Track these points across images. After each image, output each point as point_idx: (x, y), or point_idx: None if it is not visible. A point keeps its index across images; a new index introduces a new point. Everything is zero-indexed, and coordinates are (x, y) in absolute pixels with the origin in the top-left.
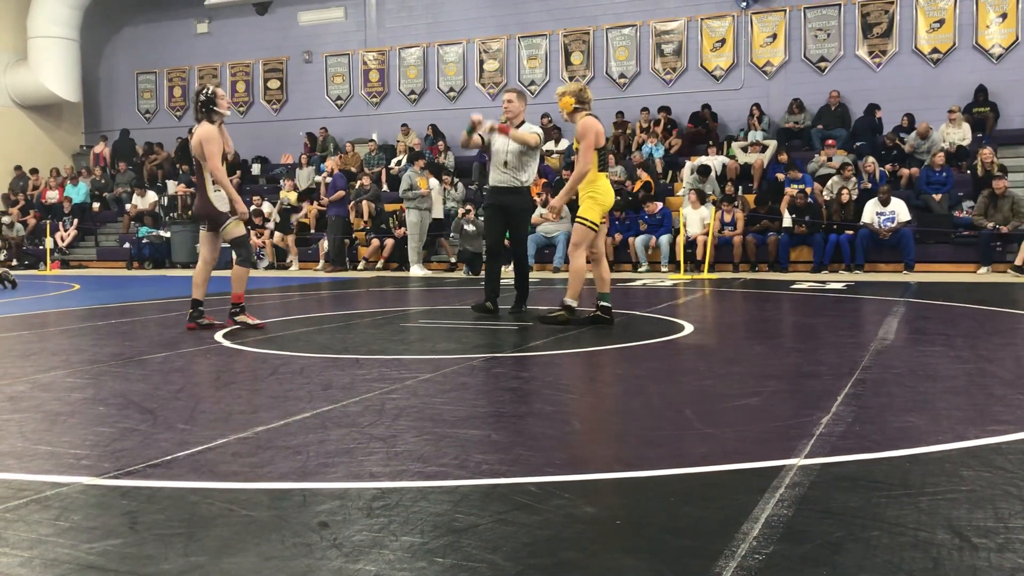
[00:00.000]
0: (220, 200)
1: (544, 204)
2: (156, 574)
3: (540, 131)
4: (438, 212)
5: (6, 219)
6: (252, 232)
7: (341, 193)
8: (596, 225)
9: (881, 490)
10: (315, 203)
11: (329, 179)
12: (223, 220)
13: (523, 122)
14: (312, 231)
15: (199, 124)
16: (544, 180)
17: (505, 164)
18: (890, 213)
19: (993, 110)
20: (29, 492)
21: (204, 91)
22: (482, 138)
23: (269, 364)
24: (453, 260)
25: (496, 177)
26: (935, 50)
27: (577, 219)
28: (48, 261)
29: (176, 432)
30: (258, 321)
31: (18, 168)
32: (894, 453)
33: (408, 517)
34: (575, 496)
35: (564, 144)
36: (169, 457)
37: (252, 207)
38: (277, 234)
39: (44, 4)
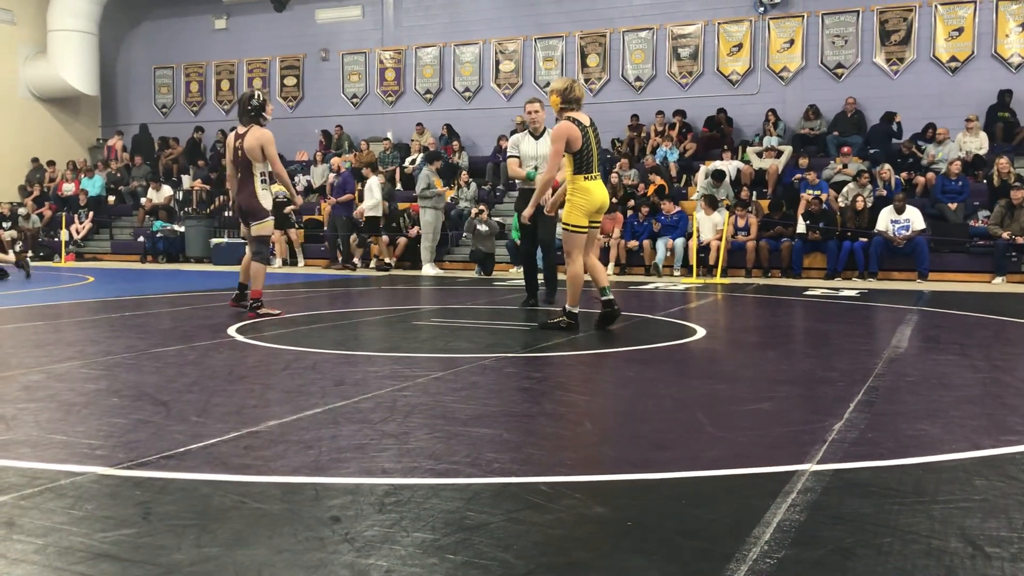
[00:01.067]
0: (265, 198)
1: None
2: (169, 564)
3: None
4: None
5: (22, 211)
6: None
7: (350, 196)
8: (583, 228)
9: (894, 497)
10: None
11: (336, 177)
12: (261, 217)
13: (545, 129)
14: (325, 229)
15: (248, 127)
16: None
17: (536, 169)
18: (905, 221)
19: (1012, 117)
20: (44, 480)
21: (256, 97)
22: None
23: (282, 359)
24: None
25: (528, 182)
26: (953, 58)
27: (563, 226)
28: (63, 253)
29: (189, 424)
30: (278, 311)
31: (35, 160)
32: (907, 461)
33: (420, 514)
34: (586, 496)
35: None
36: (182, 449)
37: None
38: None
39: None
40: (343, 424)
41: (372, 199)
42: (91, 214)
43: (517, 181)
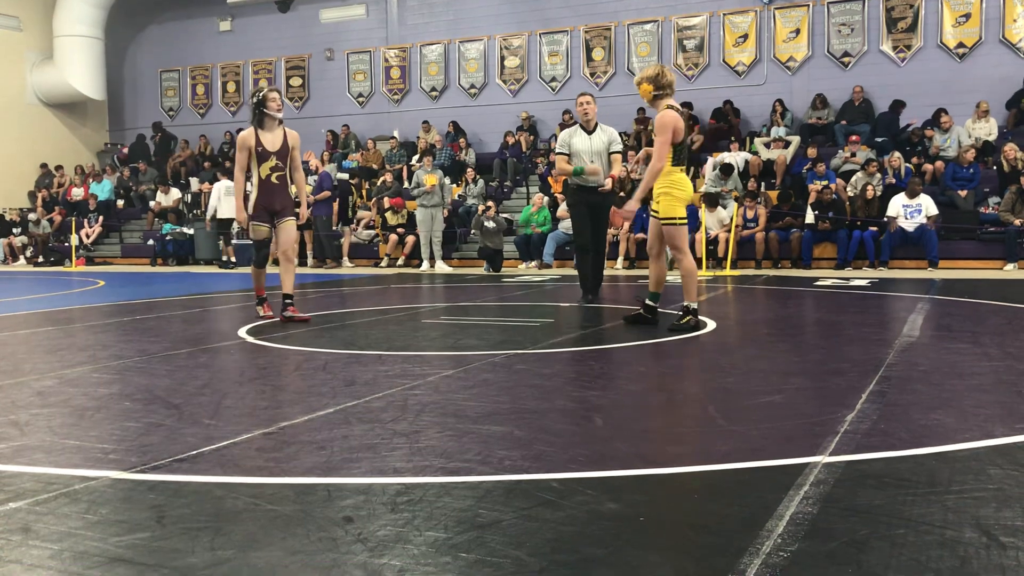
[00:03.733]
0: (237, 202)
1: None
2: (183, 568)
3: (614, 133)
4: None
5: (32, 216)
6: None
7: (327, 193)
8: (685, 220)
9: (907, 488)
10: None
11: (315, 178)
12: (245, 223)
13: (597, 124)
14: (333, 227)
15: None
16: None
17: (584, 165)
18: (917, 206)
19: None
20: (58, 485)
21: (257, 94)
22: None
23: (292, 360)
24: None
25: (577, 177)
26: (961, 44)
27: (664, 223)
28: (73, 258)
29: (201, 427)
30: (269, 313)
31: (44, 166)
32: (920, 451)
33: (432, 512)
34: (598, 492)
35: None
36: (195, 452)
37: None
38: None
39: (70, 4)
40: (354, 424)
41: (221, 204)
42: (100, 218)
43: (574, 182)
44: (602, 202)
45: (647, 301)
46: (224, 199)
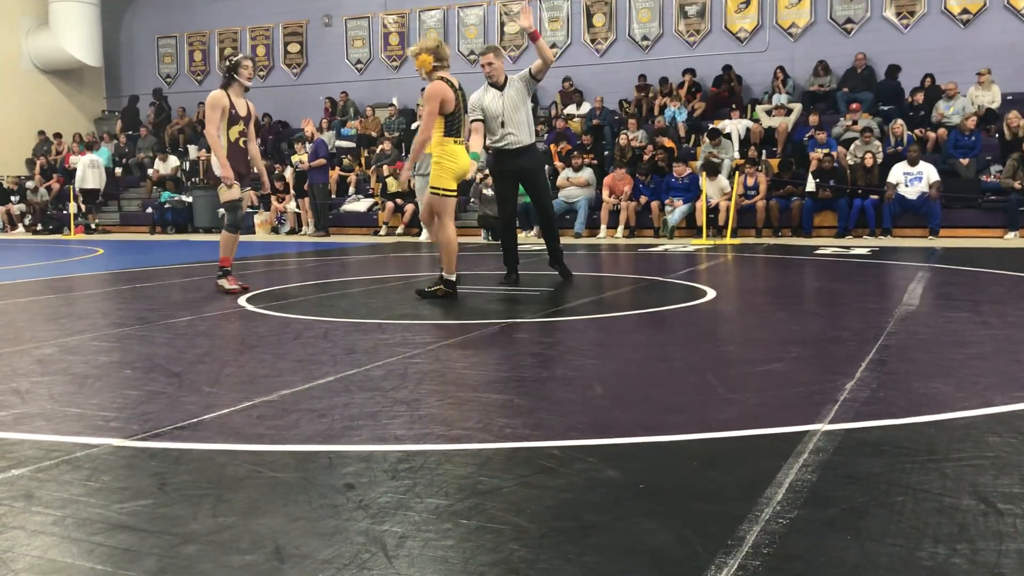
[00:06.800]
0: (215, 164)
1: (574, 169)
2: (186, 534)
3: (524, 72)
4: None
5: (30, 184)
6: (274, 198)
7: (322, 161)
8: (453, 191)
9: (906, 456)
10: (336, 168)
11: (311, 145)
12: (217, 184)
13: (506, 78)
14: (333, 196)
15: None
16: (568, 145)
17: (503, 125)
18: (918, 173)
19: None
20: (60, 453)
21: (230, 57)
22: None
23: (292, 328)
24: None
25: (500, 140)
26: (965, 11)
27: (431, 190)
28: (72, 226)
29: (202, 395)
30: (235, 286)
31: (41, 133)
32: (919, 419)
33: (433, 479)
34: (598, 460)
35: (586, 107)
36: (196, 419)
37: (275, 172)
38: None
39: None
40: (355, 392)
41: (86, 176)
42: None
43: (491, 145)
44: (532, 163)
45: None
46: (88, 171)
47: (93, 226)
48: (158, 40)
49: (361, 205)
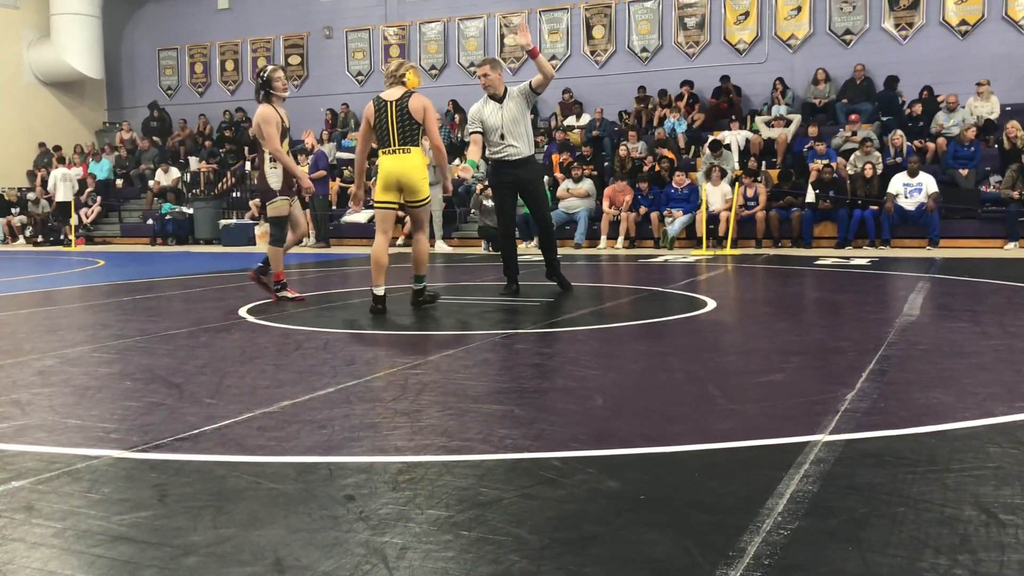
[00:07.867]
0: (274, 177)
1: (574, 180)
2: (186, 546)
3: (524, 85)
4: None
5: (31, 196)
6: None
7: (322, 172)
8: (380, 204)
9: (907, 466)
10: (337, 180)
11: (312, 157)
12: (270, 197)
13: (505, 90)
14: (334, 207)
15: (259, 105)
16: (568, 156)
17: (503, 137)
18: (917, 184)
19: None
20: (60, 464)
21: (261, 73)
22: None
23: (293, 339)
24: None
25: (499, 153)
26: (963, 22)
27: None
28: (73, 237)
29: (203, 406)
30: (299, 295)
31: (42, 145)
32: (920, 429)
33: (433, 491)
34: (599, 471)
35: (586, 118)
36: (196, 431)
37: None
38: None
39: None
40: (355, 403)
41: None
42: (99, 198)
43: (490, 157)
44: (531, 174)
45: (414, 286)
46: (60, 184)
47: (62, 238)
48: (159, 52)
49: (361, 216)
